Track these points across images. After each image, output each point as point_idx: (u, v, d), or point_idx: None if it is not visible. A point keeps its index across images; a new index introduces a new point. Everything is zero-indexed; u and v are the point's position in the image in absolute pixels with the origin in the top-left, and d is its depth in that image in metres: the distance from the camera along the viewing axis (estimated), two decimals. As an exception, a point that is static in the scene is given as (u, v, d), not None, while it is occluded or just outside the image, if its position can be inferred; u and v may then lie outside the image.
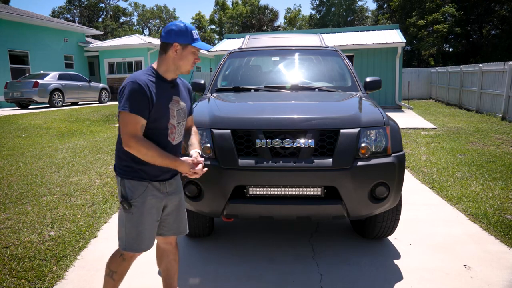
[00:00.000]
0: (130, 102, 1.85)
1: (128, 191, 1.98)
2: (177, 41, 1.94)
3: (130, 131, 1.86)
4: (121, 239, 2.06)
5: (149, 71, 1.98)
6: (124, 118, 1.86)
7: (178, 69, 2.02)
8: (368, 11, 51.23)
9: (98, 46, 22.73)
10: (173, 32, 1.94)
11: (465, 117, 12.54)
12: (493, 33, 31.58)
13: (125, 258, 2.10)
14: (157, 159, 1.91)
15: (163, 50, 1.98)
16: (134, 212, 1.99)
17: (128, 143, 1.86)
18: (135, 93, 1.86)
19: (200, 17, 54.50)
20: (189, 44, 1.96)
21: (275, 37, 5.12)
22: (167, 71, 2.00)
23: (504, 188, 4.83)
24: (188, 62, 2.01)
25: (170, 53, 1.96)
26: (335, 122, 2.75)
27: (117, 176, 2.03)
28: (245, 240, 3.52)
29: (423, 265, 2.97)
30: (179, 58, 1.98)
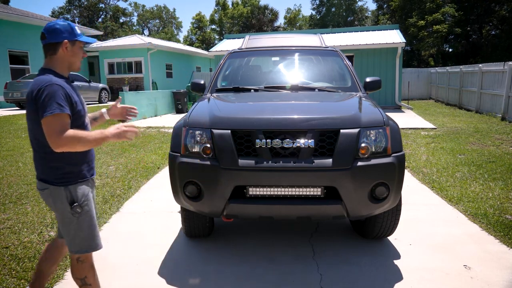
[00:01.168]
0: (57, 104, 1.83)
1: (76, 195, 1.99)
2: (66, 38, 1.96)
3: (60, 130, 1.83)
4: (79, 244, 2.04)
5: (51, 74, 1.95)
6: (53, 120, 1.82)
7: (71, 66, 2.05)
8: (368, 11, 51.24)
9: (98, 46, 22.72)
10: (58, 31, 1.96)
11: (465, 117, 12.55)
12: (493, 33, 31.58)
13: (84, 259, 2.09)
14: (90, 140, 1.91)
15: (52, 50, 1.97)
16: (86, 211, 2.03)
17: (60, 142, 1.82)
18: (58, 93, 1.85)
19: (201, 17, 54.50)
20: (77, 40, 2.01)
21: (275, 37, 5.12)
22: (62, 70, 2.01)
23: (504, 188, 4.83)
24: (78, 58, 2.05)
25: (61, 52, 1.97)
26: (335, 122, 2.75)
27: (55, 187, 1.97)
28: (245, 240, 3.52)
29: (423, 265, 2.96)
30: (71, 55, 2.01)
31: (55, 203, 2.00)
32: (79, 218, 2.01)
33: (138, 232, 3.70)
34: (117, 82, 22.21)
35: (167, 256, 3.21)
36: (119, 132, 1.99)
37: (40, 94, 1.84)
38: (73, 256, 2.09)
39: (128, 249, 3.34)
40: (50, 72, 1.96)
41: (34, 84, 1.90)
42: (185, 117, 3.08)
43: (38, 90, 1.85)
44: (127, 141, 2.18)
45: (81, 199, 2.01)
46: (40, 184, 2.03)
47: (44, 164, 1.99)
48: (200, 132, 2.82)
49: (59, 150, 1.86)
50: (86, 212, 2.03)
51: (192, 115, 3.04)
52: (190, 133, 2.85)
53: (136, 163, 6.45)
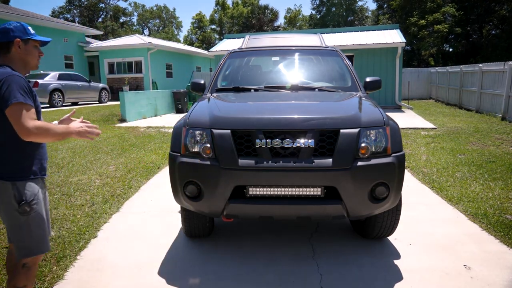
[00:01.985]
0: (20, 92, 1.84)
1: (25, 192, 1.93)
2: (19, 36, 1.98)
3: (29, 117, 1.84)
4: (27, 247, 1.97)
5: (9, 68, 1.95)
6: (20, 108, 1.82)
7: (27, 65, 2.05)
8: (368, 11, 51.25)
9: (98, 46, 22.73)
10: (10, 31, 1.98)
11: (465, 117, 12.54)
12: (493, 33, 31.57)
13: (30, 265, 2.02)
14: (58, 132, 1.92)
15: (6, 50, 1.98)
16: (36, 212, 1.96)
17: (31, 130, 1.82)
18: (21, 84, 1.87)
19: (201, 17, 54.51)
20: (30, 39, 2.03)
21: (275, 37, 5.12)
22: (18, 68, 2.00)
23: (504, 188, 4.83)
24: (34, 57, 2.06)
25: (14, 51, 1.99)
26: (335, 122, 2.74)
27: (3, 182, 1.91)
28: (245, 240, 3.52)
29: (423, 265, 2.96)
30: (26, 53, 2.02)
31: (2, 202, 1.93)
32: (28, 218, 1.94)
33: (138, 232, 3.70)
34: (117, 82, 22.22)
35: (167, 256, 3.21)
36: (81, 131, 2.02)
37: (2, 84, 1.83)
38: (20, 262, 2.00)
39: (128, 249, 3.34)
40: (8, 67, 1.96)
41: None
42: (185, 117, 3.08)
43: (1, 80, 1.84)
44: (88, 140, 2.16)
45: (30, 197, 1.93)
46: None
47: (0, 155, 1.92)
48: (200, 132, 2.82)
49: (29, 138, 1.84)
50: (36, 212, 1.96)
51: (192, 115, 3.03)
52: (190, 133, 2.85)
53: (136, 163, 6.45)
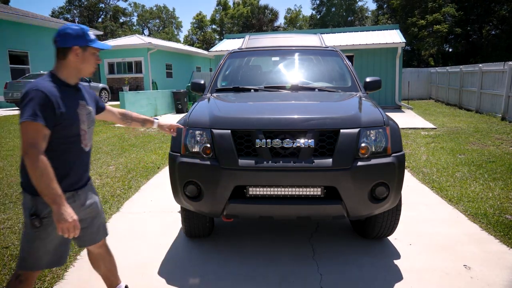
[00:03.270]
0: (33, 111, 1.74)
1: (40, 207, 1.85)
2: (77, 44, 1.90)
3: (30, 140, 1.73)
4: (24, 258, 1.92)
5: (51, 78, 1.90)
6: (26, 127, 1.74)
7: (80, 73, 1.98)
8: (368, 11, 51.25)
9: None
10: (69, 36, 1.89)
11: (465, 117, 12.55)
12: (493, 33, 31.57)
13: (22, 279, 1.94)
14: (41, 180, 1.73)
15: (62, 55, 1.91)
16: (43, 229, 1.87)
17: (26, 150, 1.73)
18: (39, 101, 1.76)
19: (202, 17, 54.52)
20: (89, 46, 1.93)
21: (275, 37, 5.12)
22: (69, 76, 1.94)
23: (504, 188, 4.83)
24: (90, 65, 1.98)
25: (71, 58, 1.91)
26: (335, 122, 2.74)
27: (26, 194, 1.89)
28: (245, 240, 3.52)
29: (423, 265, 2.96)
30: (81, 61, 1.93)
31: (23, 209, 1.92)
32: (35, 232, 1.87)
33: (138, 232, 3.70)
34: (117, 82, 22.22)
35: (167, 256, 3.21)
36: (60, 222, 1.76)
37: (24, 97, 1.79)
38: (15, 273, 1.97)
39: (128, 249, 3.34)
40: (52, 77, 1.91)
41: (27, 85, 1.84)
42: (185, 117, 3.08)
43: (25, 93, 1.80)
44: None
45: (44, 214, 1.85)
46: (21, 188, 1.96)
47: (22, 167, 1.90)
48: (200, 132, 2.82)
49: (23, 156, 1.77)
50: (44, 230, 1.87)
51: (192, 115, 3.04)
52: (190, 133, 2.85)
53: (136, 163, 6.45)
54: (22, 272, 1.94)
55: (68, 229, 1.77)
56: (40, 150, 1.74)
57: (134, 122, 2.47)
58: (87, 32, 1.94)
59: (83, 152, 2.00)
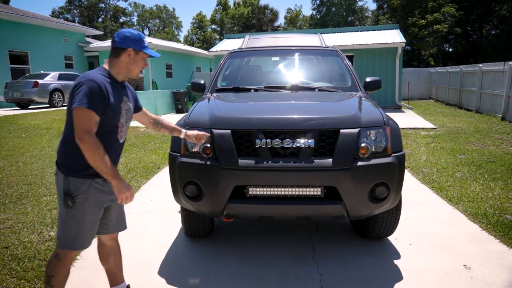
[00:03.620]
0: (87, 99, 1.93)
1: (72, 188, 2.03)
2: (131, 46, 2.10)
3: (85, 126, 1.93)
4: (60, 237, 2.10)
5: (103, 72, 2.10)
6: (80, 113, 1.93)
7: (129, 73, 2.17)
8: (368, 11, 51.25)
9: (98, 46, 22.71)
10: (127, 39, 2.10)
11: (465, 117, 12.54)
12: (493, 33, 31.56)
13: (60, 257, 2.10)
14: (100, 161, 1.95)
15: (116, 54, 2.12)
16: (77, 209, 2.04)
17: (82, 136, 1.92)
18: (93, 91, 1.96)
19: (202, 17, 54.51)
20: (141, 51, 2.14)
21: (275, 37, 5.12)
22: (118, 73, 2.14)
23: (504, 188, 4.83)
24: (138, 67, 2.17)
25: (123, 57, 2.11)
26: (335, 122, 2.74)
27: (60, 173, 2.07)
28: (245, 240, 3.52)
29: (423, 265, 2.97)
30: (132, 63, 2.14)
31: (58, 189, 2.09)
32: (69, 211, 2.04)
33: (138, 232, 3.70)
34: (117, 82, 22.17)
35: (167, 256, 3.21)
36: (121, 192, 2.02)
37: (78, 86, 1.96)
38: (54, 251, 2.13)
39: (128, 249, 3.34)
40: (104, 71, 2.10)
41: (80, 76, 2.03)
42: (185, 117, 3.08)
43: (79, 83, 1.97)
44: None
45: (76, 193, 2.02)
46: (55, 167, 2.13)
47: (62, 148, 2.09)
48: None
49: (78, 142, 1.94)
50: (78, 209, 2.04)
51: (192, 115, 3.04)
52: (190, 133, 2.85)
53: (136, 163, 6.45)
54: (60, 251, 2.10)
55: (126, 198, 2.03)
56: (93, 134, 1.95)
57: (163, 129, 2.59)
58: (143, 39, 2.16)
59: (117, 143, 2.18)
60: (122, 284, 2.48)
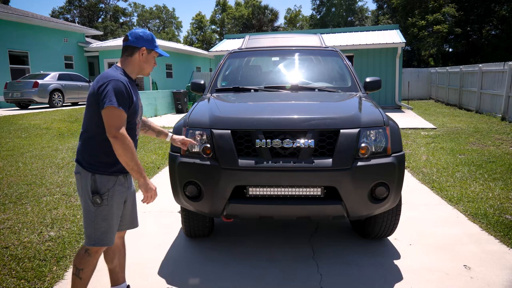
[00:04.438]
0: (117, 98, 2.00)
1: (99, 185, 2.08)
2: (145, 46, 2.18)
3: (118, 124, 2.00)
4: (89, 235, 2.13)
5: (120, 71, 2.15)
6: (113, 112, 2.00)
7: (142, 71, 2.25)
8: (368, 11, 51.26)
9: (98, 46, 22.72)
10: (141, 38, 2.18)
11: (465, 117, 12.55)
12: (493, 33, 31.58)
13: (90, 253, 2.16)
14: (132, 158, 2.04)
15: (130, 52, 2.19)
16: (105, 205, 2.10)
17: (115, 134, 1.98)
18: (120, 90, 2.03)
19: (201, 17, 54.51)
20: (153, 50, 2.22)
21: (275, 37, 5.12)
22: (132, 72, 2.21)
23: (504, 188, 4.83)
24: (150, 65, 2.25)
25: (137, 56, 2.19)
26: (335, 122, 2.74)
27: (85, 172, 2.10)
28: (245, 240, 3.52)
29: (423, 265, 2.97)
30: (144, 61, 2.22)
31: (82, 188, 2.11)
32: (97, 209, 2.09)
33: (138, 232, 3.70)
34: (117, 82, 22.17)
35: (167, 256, 3.21)
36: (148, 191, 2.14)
37: (104, 86, 2.01)
38: (83, 246, 2.18)
39: (127, 249, 3.33)
40: (120, 70, 2.16)
41: (101, 76, 2.07)
42: (185, 117, 3.08)
43: (104, 82, 2.02)
44: None
45: (103, 191, 2.08)
46: (76, 167, 2.16)
47: (86, 147, 2.12)
48: (200, 132, 2.82)
49: (113, 141, 2.00)
50: (106, 206, 2.10)
51: (192, 115, 3.04)
52: (190, 133, 2.85)
53: (136, 163, 6.44)
54: (89, 247, 2.16)
55: (151, 197, 2.15)
56: (125, 132, 2.02)
57: (150, 131, 2.60)
58: (155, 38, 2.25)
59: (135, 140, 2.23)
60: (122, 284, 2.50)
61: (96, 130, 2.08)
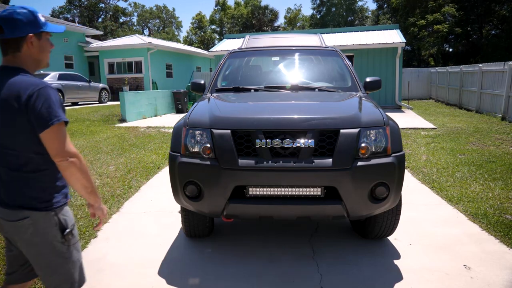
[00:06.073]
0: (61, 110, 1.58)
1: (67, 219, 1.71)
2: (30, 31, 1.60)
3: (68, 143, 1.59)
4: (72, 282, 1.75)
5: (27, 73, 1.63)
6: (62, 129, 1.57)
7: (40, 64, 1.70)
8: (368, 11, 51.28)
9: (98, 46, 22.73)
10: (21, 23, 1.58)
11: (465, 117, 12.54)
12: (493, 33, 31.59)
13: None
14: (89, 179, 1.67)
15: (15, 47, 1.60)
16: (76, 239, 1.76)
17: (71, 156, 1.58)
18: (58, 98, 1.58)
19: (201, 17, 54.52)
20: (43, 31, 1.65)
21: (275, 37, 5.12)
22: (30, 69, 1.66)
23: (504, 188, 4.83)
24: (47, 53, 1.70)
25: (26, 49, 1.62)
26: (335, 122, 2.74)
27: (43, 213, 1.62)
28: (245, 240, 3.52)
29: (423, 265, 2.96)
30: (39, 51, 1.66)
31: (39, 235, 1.63)
32: (72, 247, 1.72)
33: (138, 232, 3.70)
34: (117, 82, 22.22)
35: (167, 256, 3.21)
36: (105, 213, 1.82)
37: (35, 99, 1.52)
38: None
39: (128, 249, 3.34)
40: (25, 72, 1.62)
41: (18, 87, 1.54)
42: (185, 117, 3.08)
43: (33, 92, 1.52)
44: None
45: (71, 222, 1.72)
46: (15, 214, 1.60)
47: (28, 185, 1.61)
48: (200, 132, 2.82)
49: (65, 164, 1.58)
50: (76, 240, 1.76)
51: (192, 115, 3.04)
52: (190, 133, 2.85)
53: (136, 163, 6.45)
54: None
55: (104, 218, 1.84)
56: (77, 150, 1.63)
57: None
58: (37, 14, 1.65)
59: None
60: None
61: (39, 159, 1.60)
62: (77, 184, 1.65)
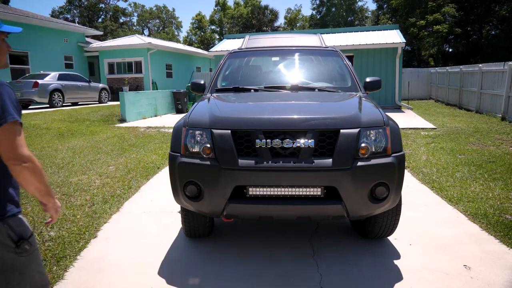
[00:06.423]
0: (16, 109, 1.48)
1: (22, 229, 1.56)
2: None
3: (24, 144, 1.48)
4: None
5: None
6: (16, 129, 1.47)
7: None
8: (368, 11, 51.30)
9: (98, 46, 22.73)
10: None
11: (465, 117, 12.54)
12: (493, 33, 31.60)
13: None
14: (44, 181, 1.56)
15: None
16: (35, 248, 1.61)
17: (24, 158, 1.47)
18: (13, 97, 1.49)
19: (201, 17, 54.54)
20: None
21: (275, 37, 5.12)
22: None
23: (504, 188, 4.83)
24: (4, 53, 1.65)
25: None
26: (335, 122, 2.74)
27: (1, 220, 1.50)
28: (245, 240, 3.52)
29: (423, 265, 2.96)
30: None
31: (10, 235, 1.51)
32: (32, 255, 1.58)
33: (138, 232, 3.70)
34: (117, 82, 22.22)
35: (167, 256, 3.21)
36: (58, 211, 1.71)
37: None
38: None
39: (128, 249, 3.34)
40: None
41: None
42: (185, 117, 3.08)
43: None
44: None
45: (28, 232, 1.58)
46: None
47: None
48: (200, 132, 2.82)
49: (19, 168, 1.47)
50: (35, 249, 1.61)
51: (192, 115, 3.04)
52: (190, 133, 2.85)
53: (136, 163, 6.45)
54: None
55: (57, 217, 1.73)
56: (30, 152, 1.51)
57: None
58: None
59: None
60: None
61: None
62: (31, 188, 1.55)
